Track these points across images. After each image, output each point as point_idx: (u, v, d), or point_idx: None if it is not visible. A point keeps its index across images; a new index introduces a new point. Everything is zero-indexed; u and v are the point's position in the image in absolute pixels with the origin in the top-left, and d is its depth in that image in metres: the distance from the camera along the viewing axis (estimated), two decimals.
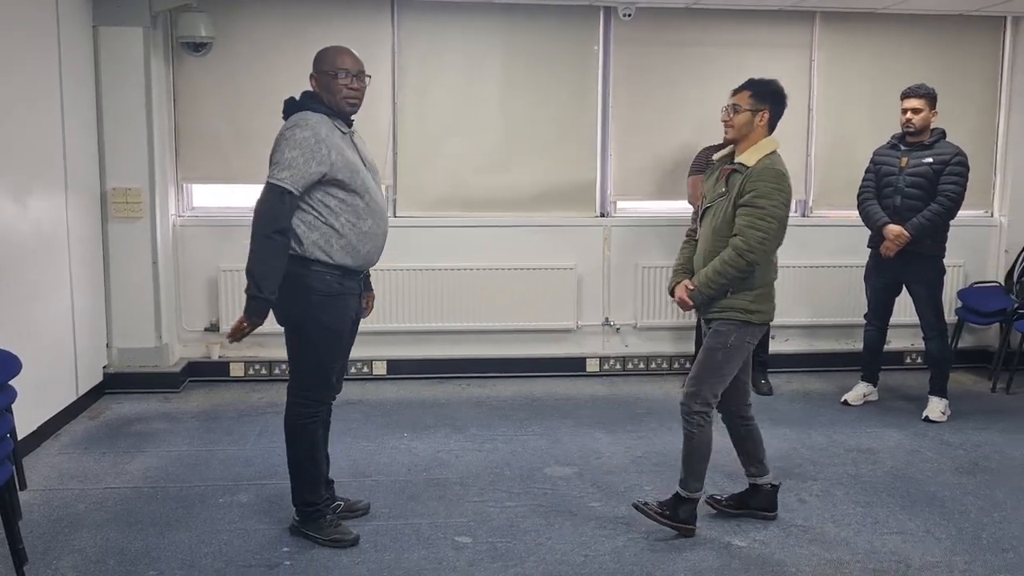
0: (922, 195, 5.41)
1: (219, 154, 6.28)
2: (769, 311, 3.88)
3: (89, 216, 5.72)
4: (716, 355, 3.83)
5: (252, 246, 3.53)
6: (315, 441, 3.82)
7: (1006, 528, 4.05)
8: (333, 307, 3.68)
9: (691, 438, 3.89)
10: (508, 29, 6.42)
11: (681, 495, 3.92)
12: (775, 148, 3.85)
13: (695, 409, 3.86)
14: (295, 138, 3.51)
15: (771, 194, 3.72)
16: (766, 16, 6.53)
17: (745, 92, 3.89)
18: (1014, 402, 6.03)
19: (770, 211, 3.71)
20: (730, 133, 3.92)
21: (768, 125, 3.88)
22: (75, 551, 3.74)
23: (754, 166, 3.77)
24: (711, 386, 3.85)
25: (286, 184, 3.50)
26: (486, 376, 6.50)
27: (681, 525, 3.90)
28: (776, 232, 3.76)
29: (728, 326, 3.82)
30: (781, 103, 3.91)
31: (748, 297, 3.81)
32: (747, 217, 3.73)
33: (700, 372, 3.87)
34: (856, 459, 4.91)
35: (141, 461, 4.78)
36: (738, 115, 3.86)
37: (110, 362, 6.03)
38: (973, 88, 6.81)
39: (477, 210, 6.52)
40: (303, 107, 3.65)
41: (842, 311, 6.75)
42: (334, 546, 3.77)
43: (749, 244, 3.70)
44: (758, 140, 3.85)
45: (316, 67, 3.72)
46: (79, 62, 5.58)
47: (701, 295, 3.85)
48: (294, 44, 6.20)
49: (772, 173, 3.75)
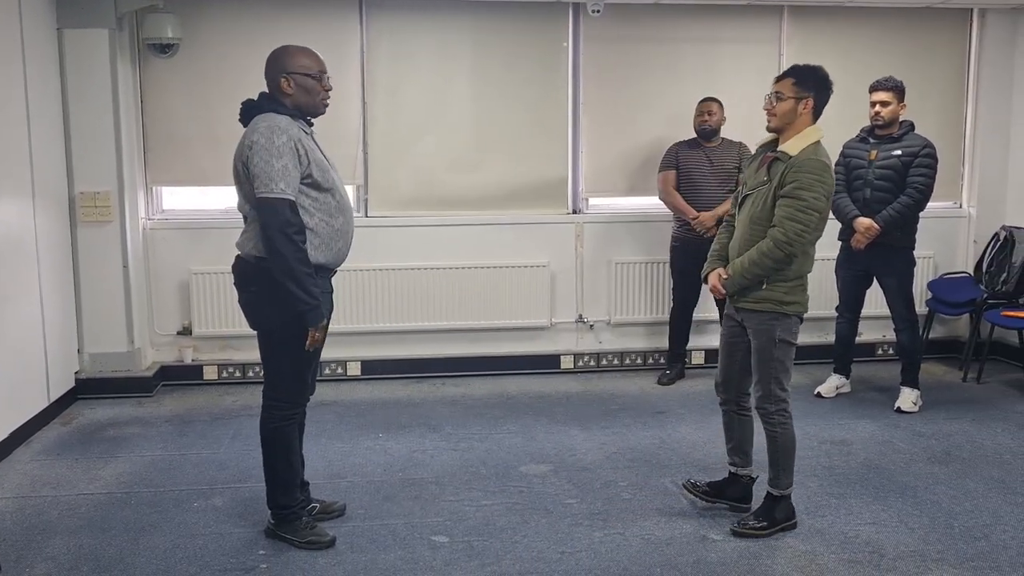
0: (891, 187, 5.45)
1: (188, 156, 6.23)
2: (804, 302, 3.86)
3: (57, 221, 5.67)
4: (770, 352, 3.82)
5: (281, 262, 3.46)
6: (290, 444, 3.81)
7: (978, 517, 4.09)
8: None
9: (775, 438, 3.89)
10: (477, 27, 6.41)
11: (775, 495, 3.92)
12: (820, 137, 3.76)
13: (772, 410, 3.86)
14: (276, 145, 3.47)
15: (813, 186, 3.65)
16: (734, 11, 6.56)
17: (788, 79, 3.78)
18: (984, 392, 6.10)
19: (811, 203, 3.66)
20: (772, 122, 3.83)
21: (813, 113, 3.78)
22: (48, 558, 3.70)
23: (797, 156, 3.70)
24: (778, 382, 3.84)
25: (288, 195, 3.48)
26: (460, 375, 6.49)
27: (784, 524, 3.92)
28: (816, 224, 3.70)
29: (767, 322, 3.80)
30: (827, 89, 3.80)
31: (783, 288, 3.78)
32: (788, 208, 3.68)
33: (762, 373, 3.85)
34: (830, 451, 4.94)
35: (114, 466, 4.74)
36: (781, 103, 3.77)
37: (82, 367, 5.98)
38: (941, 80, 6.87)
39: (449, 209, 6.51)
40: (264, 110, 3.61)
41: (814, 304, 6.57)
42: (310, 548, 3.76)
43: (788, 236, 3.67)
44: (803, 128, 3.76)
45: (289, 67, 3.63)
46: (44, 65, 5.52)
47: (735, 284, 3.83)
48: (262, 44, 6.04)
49: (816, 164, 3.68)
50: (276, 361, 3.74)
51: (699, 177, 6.07)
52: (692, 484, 4.21)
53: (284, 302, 3.55)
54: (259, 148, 3.48)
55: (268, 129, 3.50)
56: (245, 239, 3.67)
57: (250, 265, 3.64)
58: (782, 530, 3.91)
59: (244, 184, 3.60)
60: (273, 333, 3.69)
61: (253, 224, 3.61)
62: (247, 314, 3.75)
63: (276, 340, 3.69)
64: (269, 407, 3.77)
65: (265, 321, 3.68)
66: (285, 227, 3.46)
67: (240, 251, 3.70)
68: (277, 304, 3.58)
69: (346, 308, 6.20)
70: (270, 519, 3.87)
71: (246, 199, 3.63)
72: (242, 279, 3.70)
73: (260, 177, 3.47)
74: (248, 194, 3.59)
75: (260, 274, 3.58)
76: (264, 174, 3.46)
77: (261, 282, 3.59)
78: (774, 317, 3.80)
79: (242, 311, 3.77)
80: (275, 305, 3.59)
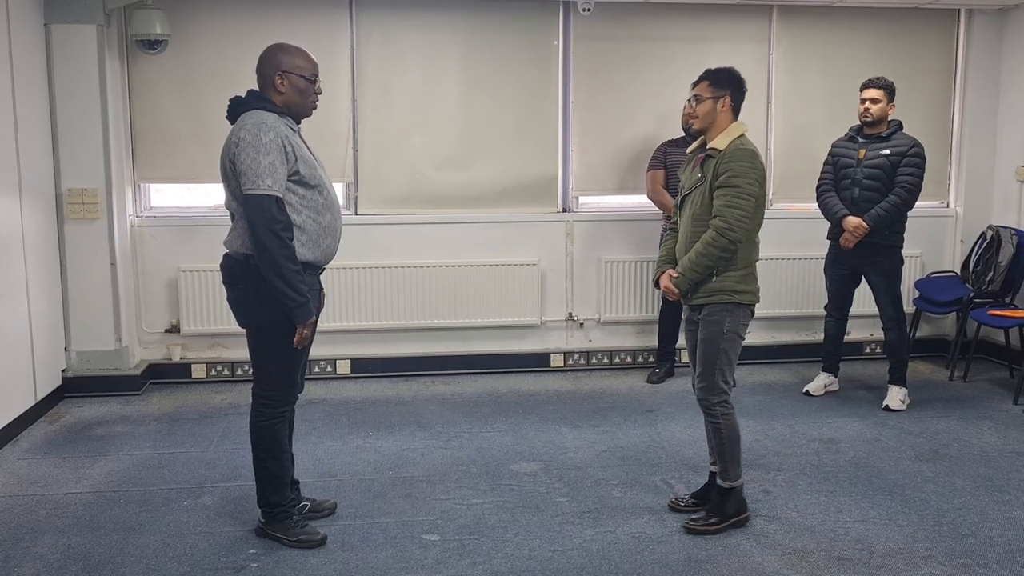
0: (880, 187, 5.48)
1: (177, 153, 6.20)
2: (755, 292, 3.92)
3: (45, 218, 5.63)
4: (717, 343, 3.86)
5: (268, 258, 3.46)
6: (280, 441, 3.80)
7: (965, 514, 4.11)
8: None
9: (719, 429, 3.93)
10: (468, 25, 6.40)
11: (724, 487, 3.95)
12: (744, 131, 3.90)
13: (715, 402, 3.90)
14: (263, 142, 3.47)
15: (745, 172, 3.77)
16: (724, 10, 6.57)
17: (704, 82, 3.94)
18: (971, 390, 6.13)
19: (746, 189, 3.77)
20: (696, 124, 3.97)
21: (732, 110, 3.93)
22: (36, 558, 3.68)
23: (726, 149, 3.83)
24: (722, 374, 3.88)
25: (275, 191, 3.48)
26: (450, 373, 6.49)
27: (735, 519, 3.94)
28: (754, 209, 3.80)
29: (718, 313, 3.85)
30: (741, 87, 3.96)
31: (734, 278, 3.85)
32: (724, 197, 3.78)
33: (706, 364, 3.89)
34: (818, 449, 4.96)
35: (103, 465, 4.72)
36: (701, 105, 3.92)
37: (69, 366, 5.94)
38: (928, 80, 6.90)
39: (439, 207, 6.50)
40: (252, 107, 3.61)
41: (802, 303, 6.82)
42: (301, 547, 3.75)
43: (729, 223, 3.75)
44: (726, 125, 3.90)
45: (284, 66, 3.63)
46: (31, 61, 5.48)
47: (686, 280, 3.88)
48: (251, 41, 6.06)
49: (745, 153, 3.81)
50: (265, 359, 3.74)
51: None
52: (677, 501, 4.21)
53: (272, 299, 3.55)
54: (246, 145, 3.47)
55: (255, 126, 3.50)
56: (232, 236, 3.66)
57: (237, 262, 3.64)
58: (733, 525, 3.93)
59: (231, 181, 3.59)
60: (261, 330, 3.68)
61: (240, 222, 3.61)
62: (235, 311, 3.74)
63: (265, 337, 3.69)
64: (259, 405, 3.76)
65: (253, 318, 3.68)
66: (271, 223, 3.46)
67: (228, 248, 3.69)
68: (265, 301, 3.58)
69: (335, 306, 6.19)
70: (260, 518, 3.86)
71: (233, 196, 3.62)
72: (230, 276, 3.70)
73: (247, 174, 3.46)
74: (235, 191, 3.58)
75: (248, 271, 3.59)
76: (251, 170, 3.46)
77: (249, 279, 3.59)
78: (726, 308, 3.86)
79: (231, 308, 3.76)
80: (263, 302, 3.59)
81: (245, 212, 3.52)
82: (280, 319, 3.59)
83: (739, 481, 3.97)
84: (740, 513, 3.97)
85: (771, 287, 6.77)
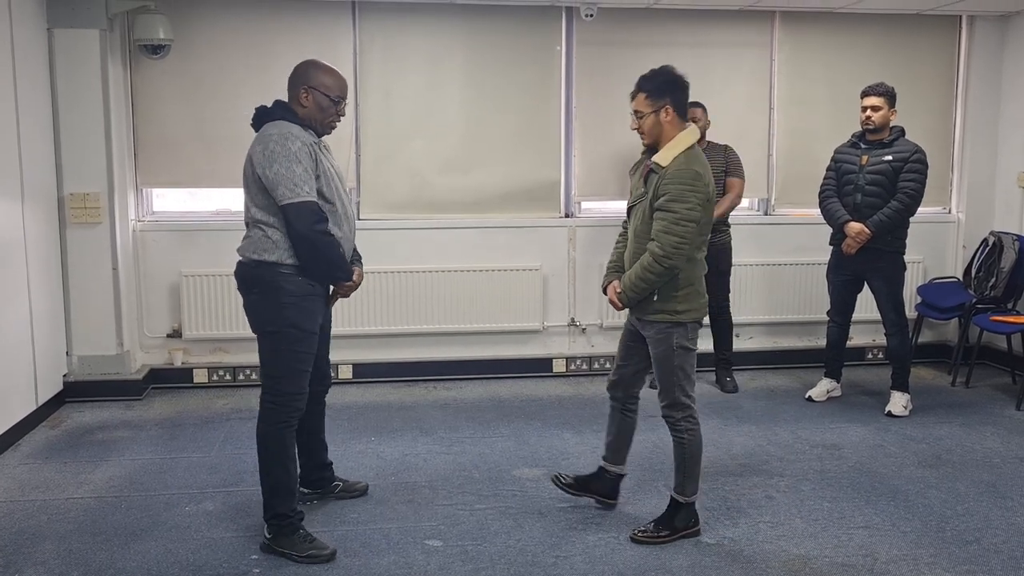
0: (882, 192, 5.47)
1: (179, 158, 6.20)
2: (698, 308, 3.83)
3: (47, 222, 5.63)
4: (669, 361, 3.82)
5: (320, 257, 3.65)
6: (287, 448, 3.78)
7: (969, 520, 4.11)
8: (304, 308, 3.70)
9: (683, 444, 3.88)
10: (470, 30, 6.41)
11: (679, 501, 3.91)
12: (692, 142, 3.73)
13: (679, 417, 3.86)
14: (292, 151, 3.54)
15: (684, 196, 3.63)
16: (726, 16, 6.57)
17: (640, 95, 3.78)
18: (973, 396, 6.12)
19: (684, 215, 3.63)
20: (645, 140, 3.82)
21: (677, 116, 3.75)
22: (38, 563, 3.67)
23: (668, 167, 3.68)
24: (682, 389, 3.84)
25: (312, 196, 3.57)
26: (452, 378, 6.48)
27: (685, 532, 3.89)
28: (693, 235, 3.67)
29: (664, 331, 3.80)
30: (679, 89, 3.77)
31: (676, 298, 3.77)
32: (662, 222, 3.66)
33: (664, 382, 3.86)
34: (821, 455, 4.95)
35: (104, 470, 4.71)
36: (643, 120, 3.77)
37: (70, 370, 5.94)
38: (930, 86, 6.90)
39: (441, 212, 6.49)
40: (276, 117, 3.66)
41: (804, 308, 6.82)
42: (310, 562, 3.67)
43: (665, 250, 3.65)
44: (674, 134, 3.73)
45: (312, 82, 3.71)
46: (34, 65, 5.48)
47: (627, 299, 3.85)
48: (254, 46, 6.15)
49: (686, 174, 3.65)
50: (275, 364, 3.74)
51: None
52: (557, 477, 4.26)
53: (282, 305, 3.63)
54: (277, 156, 3.53)
55: (281, 136, 3.57)
56: (246, 244, 3.71)
57: (250, 269, 3.69)
58: (683, 537, 3.88)
59: (252, 189, 3.64)
60: (272, 336, 3.70)
61: (254, 230, 3.67)
62: (249, 317, 3.78)
63: (275, 343, 3.71)
64: (266, 410, 3.76)
65: (266, 324, 3.71)
66: (315, 226, 3.58)
67: (241, 256, 3.73)
68: (275, 307, 3.64)
69: (337, 311, 6.12)
70: (266, 533, 3.79)
71: (253, 203, 3.66)
72: (243, 283, 3.74)
73: (283, 184, 3.53)
74: (256, 199, 3.64)
75: (259, 278, 3.66)
76: (287, 179, 3.53)
77: (261, 285, 3.66)
78: (670, 326, 3.80)
79: (245, 314, 3.80)
80: (274, 308, 3.65)
81: (287, 221, 3.58)
82: (290, 320, 3.65)
83: (694, 497, 3.92)
84: (691, 526, 3.91)
85: (773, 293, 6.79)
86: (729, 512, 4.19)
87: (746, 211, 6.80)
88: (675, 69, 3.81)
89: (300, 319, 3.69)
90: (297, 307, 3.67)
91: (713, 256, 5.99)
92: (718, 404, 5.91)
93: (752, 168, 6.33)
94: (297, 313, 3.67)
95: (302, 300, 3.68)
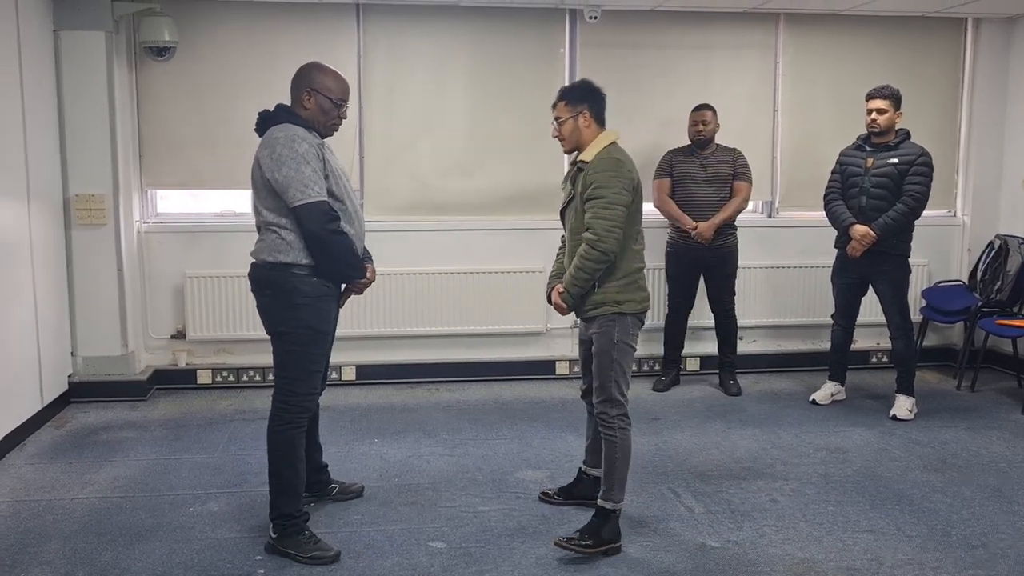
0: (887, 195, 5.47)
1: (184, 159, 6.21)
2: (640, 300, 3.84)
3: (52, 223, 5.64)
4: (608, 355, 3.81)
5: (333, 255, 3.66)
6: (297, 449, 3.78)
7: (974, 525, 4.10)
8: (318, 309, 3.71)
9: (614, 444, 3.84)
10: (474, 32, 6.41)
11: (607, 508, 3.83)
12: (614, 139, 3.87)
13: (614, 414, 3.83)
14: (300, 153, 3.55)
15: (609, 182, 3.72)
16: (730, 18, 6.57)
17: (560, 103, 3.91)
18: (978, 399, 6.11)
19: (612, 199, 3.70)
20: (565, 146, 3.94)
21: (595, 121, 3.89)
22: (43, 563, 3.68)
23: (592, 160, 3.80)
24: (617, 386, 3.83)
25: (322, 196, 3.59)
26: (455, 380, 6.48)
27: (607, 546, 3.79)
28: (623, 218, 3.72)
29: (606, 325, 3.81)
30: (596, 97, 3.92)
31: (614, 288, 3.79)
32: (593, 209, 3.73)
33: (602, 377, 3.84)
34: (825, 458, 4.94)
35: (109, 470, 4.71)
36: (563, 126, 3.89)
37: (75, 371, 5.95)
38: (935, 89, 6.89)
39: (445, 214, 6.49)
40: (281, 121, 3.66)
41: (808, 311, 6.81)
42: (314, 563, 3.68)
43: (598, 234, 3.70)
44: (593, 138, 3.86)
45: (314, 84, 3.72)
46: (40, 67, 5.50)
47: (570, 296, 3.85)
48: (258, 48, 6.16)
49: (608, 162, 3.77)
50: (288, 365, 3.75)
51: (693, 185, 6.07)
52: (545, 493, 4.35)
53: (295, 307, 3.65)
54: (285, 158, 3.55)
55: (288, 139, 3.58)
56: (260, 247, 3.73)
57: (263, 271, 3.71)
58: (604, 553, 3.75)
59: (260, 191, 3.66)
60: (285, 337, 3.71)
61: (267, 233, 3.69)
62: (263, 318, 3.79)
63: (289, 344, 3.71)
64: (278, 411, 3.76)
65: (278, 325, 3.71)
66: (328, 224, 3.60)
67: (255, 259, 3.75)
68: (289, 309, 3.66)
69: (341, 313, 6.15)
70: (271, 533, 3.80)
71: (263, 205, 3.67)
72: (257, 285, 3.76)
73: (293, 186, 3.54)
74: (264, 200, 3.65)
75: (272, 280, 3.68)
76: (297, 182, 3.54)
77: (275, 287, 3.67)
78: (611, 319, 3.80)
79: (259, 316, 3.81)
80: (287, 310, 3.67)
81: (300, 222, 3.59)
82: (304, 321, 3.67)
83: (621, 505, 3.87)
84: (614, 541, 3.82)
85: (777, 295, 6.78)
86: (733, 515, 4.18)
87: (750, 214, 6.78)
88: (594, 82, 3.97)
89: (314, 320, 3.70)
90: (312, 308, 3.68)
91: (719, 258, 6.08)
92: (722, 407, 5.90)
93: (756, 170, 6.32)
94: (311, 314, 3.69)
95: (316, 301, 3.70)
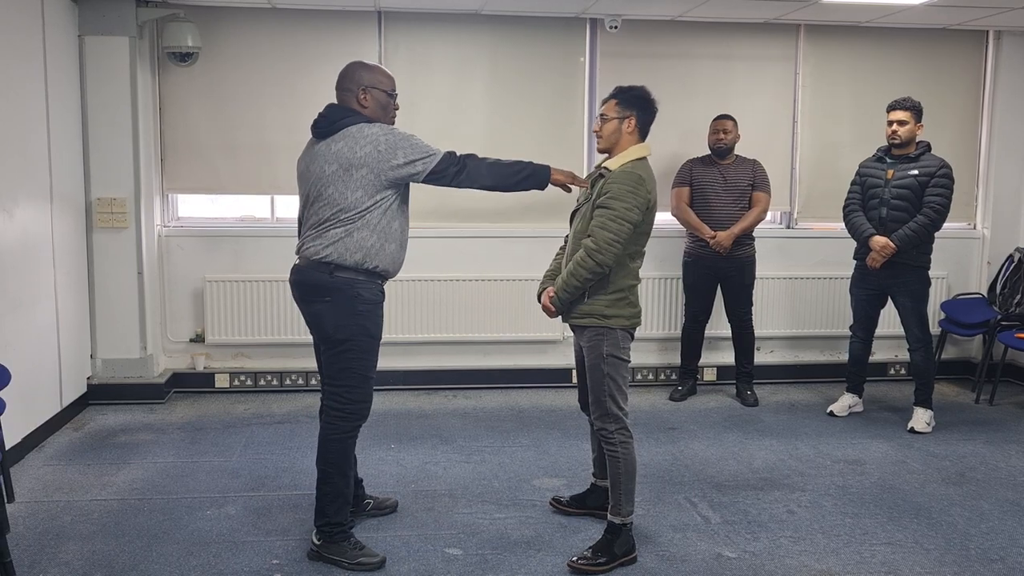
0: (907, 207, 5.45)
1: (205, 164, 6.25)
2: (628, 316, 3.79)
3: (74, 226, 5.68)
4: (600, 370, 3.78)
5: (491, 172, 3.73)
6: (349, 458, 3.75)
7: (993, 539, 4.07)
8: (377, 316, 3.69)
9: (616, 459, 3.81)
10: (494, 41, 6.43)
11: (616, 523, 3.81)
12: (644, 155, 3.82)
13: (613, 429, 3.80)
14: (402, 134, 3.61)
15: (624, 196, 3.66)
16: (751, 28, 6.57)
17: (612, 100, 3.86)
18: (997, 413, 6.08)
19: (622, 213, 3.65)
20: (600, 143, 3.88)
21: (638, 131, 3.84)
22: (62, 564, 3.70)
23: (615, 171, 3.75)
24: (613, 400, 3.79)
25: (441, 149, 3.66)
26: (471, 387, 6.49)
27: (623, 559, 3.77)
28: (627, 235, 3.67)
29: (595, 338, 3.77)
30: (648, 108, 3.87)
31: (603, 302, 3.75)
32: (600, 218, 3.68)
33: (596, 392, 3.81)
34: (843, 470, 4.92)
35: (127, 473, 4.74)
36: (606, 124, 3.83)
37: (94, 373, 5.99)
38: (956, 101, 6.87)
39: (463, 221, 6.51)
40: (355, 121, 3.62)
41: (826, 323, 6.79)
42: (360, 570, 3.66)
43: (598, 244, 3.65)
44: (628, 147, 3.81)
45: (367, 82, 3.70)
46: (65, 71, 5.55)
47: (560, 300, 3.82)
48: (281, 55, 6.20)
49: (630, 176, 3.70)
50: (349, 371, 3.67)
51: (712, 195, 6.07)
52: (557, 500, 4.32)
53: (359, 313, 3.61)
54: (398, 142, 3.58)
55: (384, 129, 3.62)
56: (321, 245, 3.60)
57: (323, 275, 3.60)
58: (621, 565, 3.74)
59: (338, 185, 3.55)
60: (347, 343, 3.63)
61: (335, 229, 3.57)
62: (318, 325, 3.68)
63: (351, 349, 3.64)
64: (333, 419, 3.70)
65: (339, 332, 3.62)
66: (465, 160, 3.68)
67: (312, 258, 3.62)
68: (352, 315, 3.60)
69: None
70: (315, 539, 3.76)
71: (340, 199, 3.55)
72: (314, 289, 3.65)
73: (415, 153, 3.59)
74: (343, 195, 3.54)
75: (335, 285, 3.59)
76: (417, 148, 3.60)
77: (335, 291, 3.59)
78: (599, 332, 3.76)
79: (310, 323, 3.73)
80: (350, 316, 3.60)
81: (446, 175, 3.64)
82: (366, 328, 3.63)
83: (631, 518, 3.84)
84: (628, 553, 3.80)
85: (796, 306, 6.76)
86: (750, 526, 4.17)
87: (769, 224, 6.78)
88: (651, 93, 3.92)
89: (374, 327, 3.66)
90: (372, 315, 3.65)
91: (737, 269, 6.07)
92: (739, 417, 5.89)
93: (775, 181, 6.31)
94: (370, 320, 3.64)
95: (376, 308, 3.67)
